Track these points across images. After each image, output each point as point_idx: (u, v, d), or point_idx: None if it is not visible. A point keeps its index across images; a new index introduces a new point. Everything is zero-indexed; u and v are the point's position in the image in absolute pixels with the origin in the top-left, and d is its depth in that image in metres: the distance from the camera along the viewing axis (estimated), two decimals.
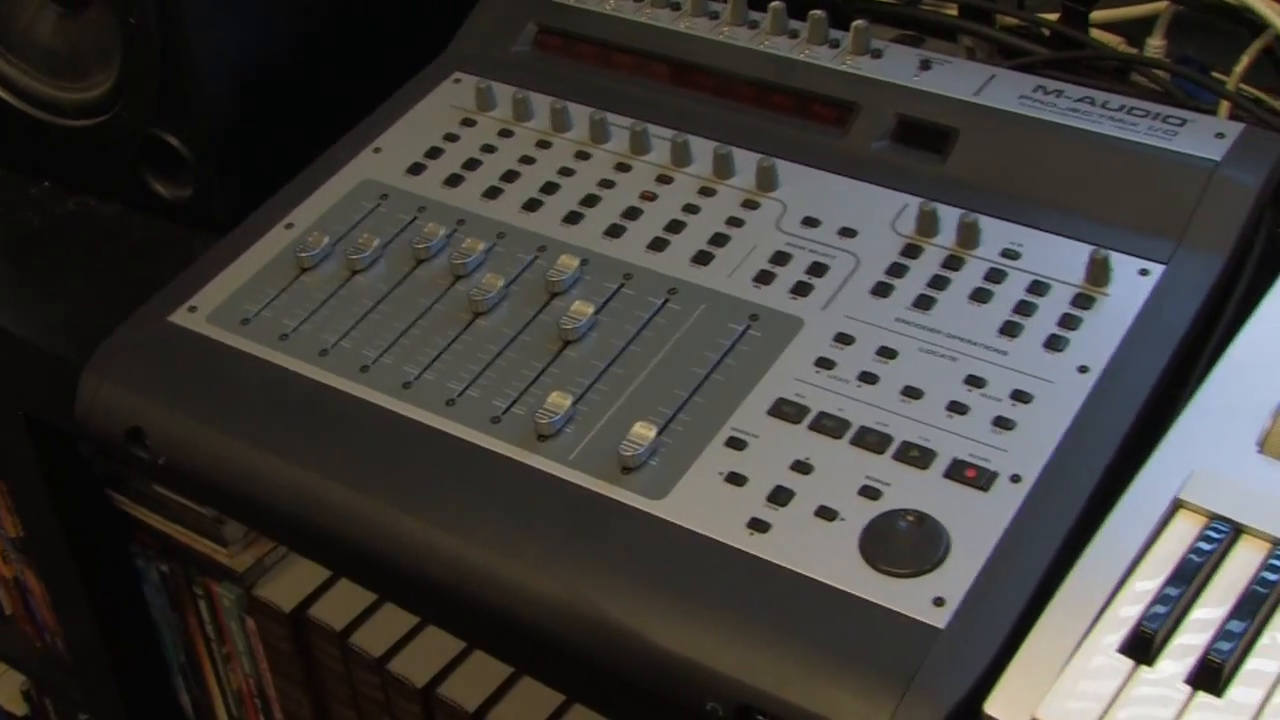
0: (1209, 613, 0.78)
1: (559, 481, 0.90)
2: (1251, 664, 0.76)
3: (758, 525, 0.86)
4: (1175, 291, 0.96)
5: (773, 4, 1.15)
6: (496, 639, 0.95)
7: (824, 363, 0.94)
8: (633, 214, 1.06)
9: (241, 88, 1.18)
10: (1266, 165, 1.01)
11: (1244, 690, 0.75)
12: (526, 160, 1.12)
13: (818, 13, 1.14)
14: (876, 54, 1.13)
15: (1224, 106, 1.15)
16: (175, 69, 1.13)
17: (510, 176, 1.11)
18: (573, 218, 1.07)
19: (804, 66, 1.13)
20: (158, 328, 1.04)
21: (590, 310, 0.98)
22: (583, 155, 1.11)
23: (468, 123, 1.15)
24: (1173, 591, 0.79)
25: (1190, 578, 0.79)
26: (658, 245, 1.04)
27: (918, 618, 0.81)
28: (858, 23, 1.13)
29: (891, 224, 1.02)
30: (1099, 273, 0.96)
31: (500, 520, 0.89)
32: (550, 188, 1.09)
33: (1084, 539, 0.83)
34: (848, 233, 1.02)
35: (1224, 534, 0.82)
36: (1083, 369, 0.92)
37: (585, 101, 1.14)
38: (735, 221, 1.05)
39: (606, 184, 1.09)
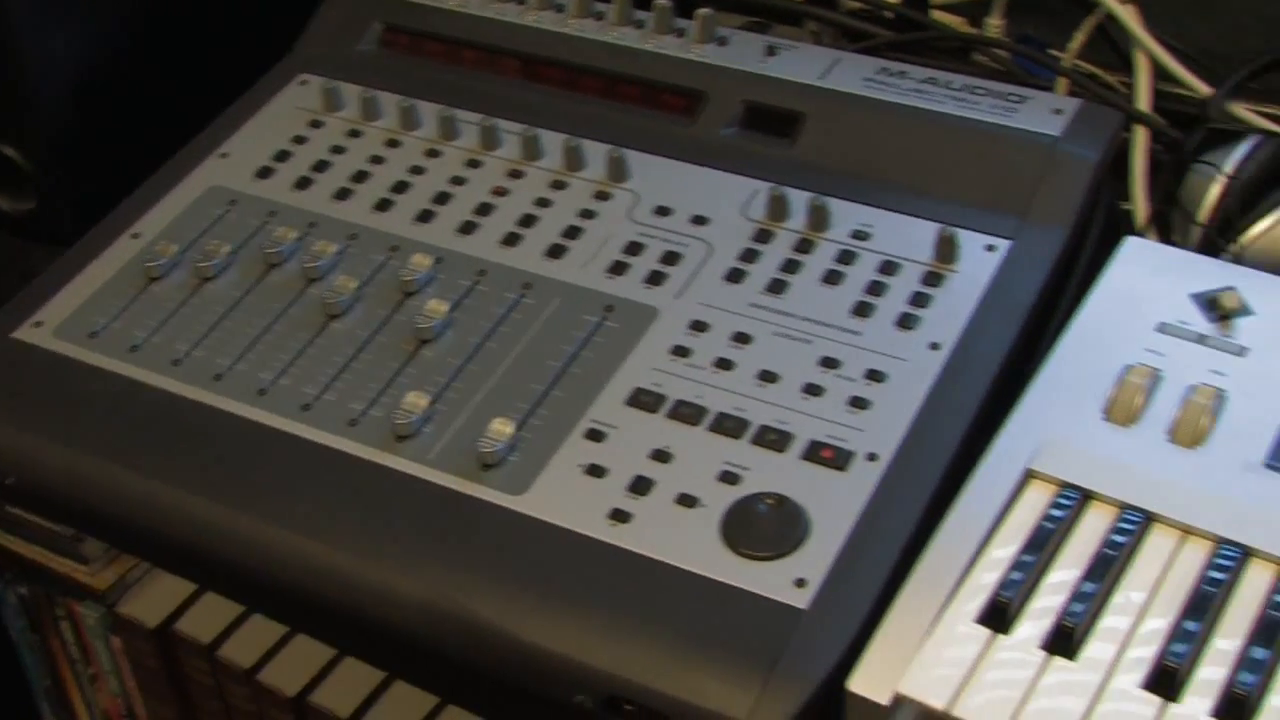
0: (1062, 578, 0.80)
1: (419, 482, 0.90)
2: (1105, 623, 0.78)
3: (619, 516, 0.86)
4: (1021, 266, 0.98)
5: None
6: (365, 644, 0.94)
7: (680, 351, 0.94)
8: (485, 210, 1.06)
9: (78, 96, 1.15)
10: (1104, 139, 1.04)
11: (1097, 648, 0.77)
12: (376, 160, 1.11)
13: (663, 2, 1.14)
14: (723, 41, 1.14)
15: (1062, 83, 1.17)
16: (6, 78, 1.11)
17: (360, 177, 1.09)
18: (425, 216, 1.06)
19: (651, 56, 1.13)
20: (1, 344, 1.02)
21: (445, 309, 0.98)
22: (433, 153, 1.11)
23: (315, 124, 1.14)
24: (1027, 559, 0.80)
25: (1043, 545, 0.81)
26: (511, 240, 1.03)
27: (780, 600, 0.81)
28: (702, 11, 1.14)
29: (743, 210, 1.03)
30: (947, 250, 0.98)
31: (361, 523, 0.89)
32: (401, 187, 1.08)
33: (941, 513, 0.84)
34: (699, 220, 1.03)
35: (1074, 501, 0.83)
36: (934, 346, 0.93)
37: (434, 99, 1.14)
38: (587, 213, 1.05)
39: (458, 181, 1.08)
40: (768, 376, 0.92)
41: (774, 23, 1.28)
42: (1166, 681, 0.75)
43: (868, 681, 0.77)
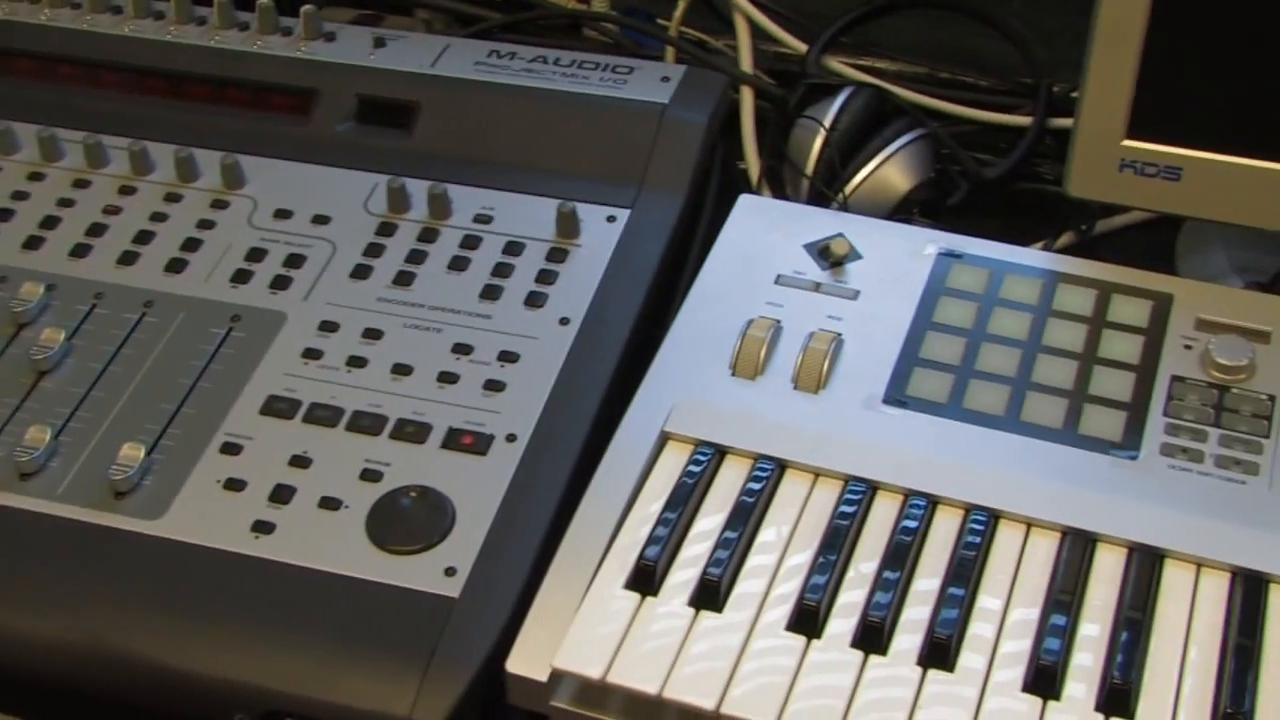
0: (704, 534, 0.82)
1: (49, 519, 0.86)
2: (749, 571, 0.80)
3: (262, 527, 0.84)
4: (641, 234, 0.99)
5: None
6: (7, 693, 0.90)
7: (311, 353, 0.93)
8: (97, 230, 1.02)
9: None
10: (711, 102, 1.06)
11: (744, 598, 0.79)
12: None
13: (265, 1, 1.12)
14: (330, 37, 1.12)
15: (670, 52, 1.20)
16: None
17: None
18: (33, 243, 1.01)
19: (257, 58, 1.11)
20: None
21: (61, 336, 0.94)
22: (36, 176, 1.06)
23: None
24: (669, 520, 0.82)
25: (683, 504, 0.83)
26: (127, 259, 1.00)
27: (432, 591, 0.81)
28: (307, 7, 1.12)
29: (364, 205, 1.02)
30: (568, 225, 0.99)
31: None
32: (4, 215, 1.03)
33: (584, 486, 0.85)
34: (321, 220, 1.01)
35: (709, 457, 0.85)
36: (564, 321, 0.94)
37: (31, 119, 1.09)
38: (206, 224, 1.02)
39: (65, 203, 1.04)
40: (402, 369, 0.92)
41: (385, 14, 1.27)
42: (809, 620, 0.78)
43: (525, 660, 0.78)
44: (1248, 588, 0.79)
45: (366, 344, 0.93)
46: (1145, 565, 0.80)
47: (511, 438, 0.88)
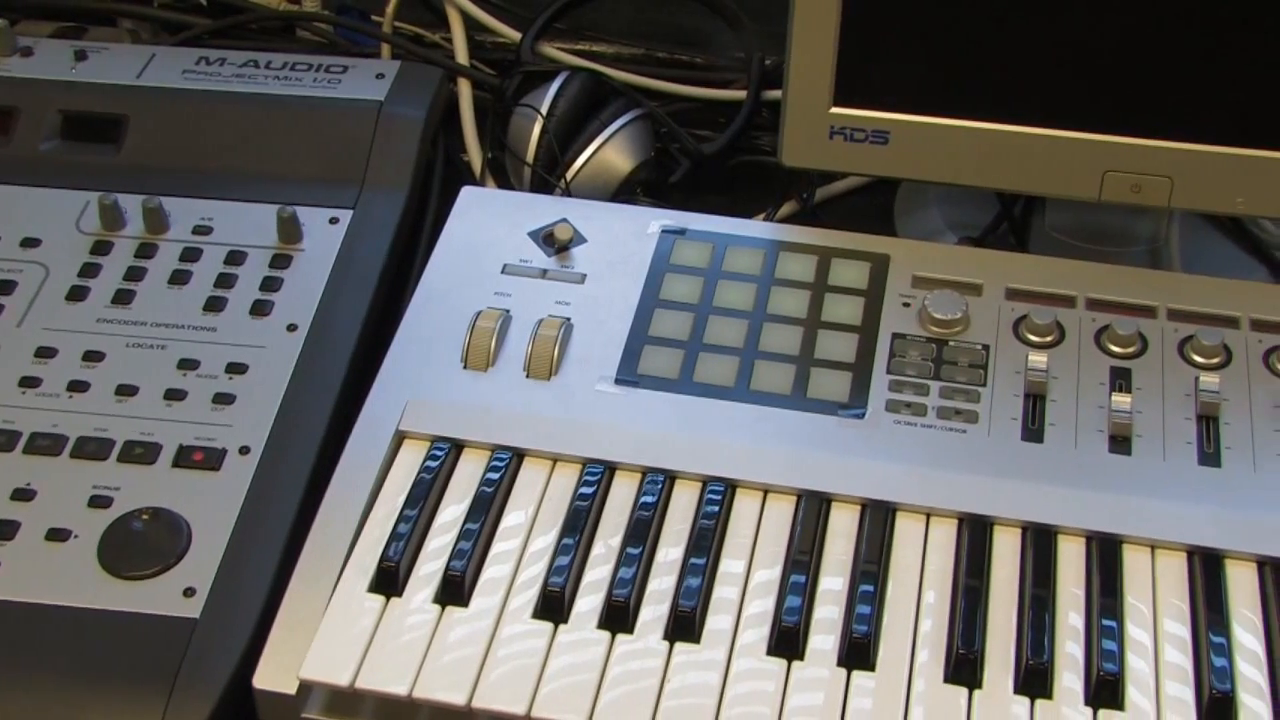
0: (445, 531, 0.82)
1: None
2: (491, 563, 0.80)
3: None
4: (365, 234, 0.98)
5: None
6: None
7: (29, 382, 0.90)
8: None
9: None
10: (427, 96, 1.06)
11: (489, 589, 0.79)
12: None
13: None
14: (27, 52, 1.09)
15: (385, 48, 1.19)
16: None
17: None
18: None
19: None
20: None
21: None
22: None
23: None
24: (409, 519, 0.81)
25: (422, 502, 0.82)
26: None
27: (172, 614, 0.79)
28: None
29: (75, 224, 0.99)
30: (289, 230, 0.97)
31: None
32: None
33: (323, 493, 0.84)
34: (30, 243, 0.98)
35: (445, 452, 0.85)
36: (291, 327, 0.93)
37: None
38: None
39: None
40: (126, 390, 0.89)
41: (88, 25, 1.23)
42: (555, 605, 0.78)
43: (272, 674, 0.76)
44: (973, 531, 0.82)
45: (88, 367, 0.91)
46: (878, 519, 0.82)
47: (245, 450, 0.86)
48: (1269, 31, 0.89)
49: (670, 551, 0.81)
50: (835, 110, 0.96)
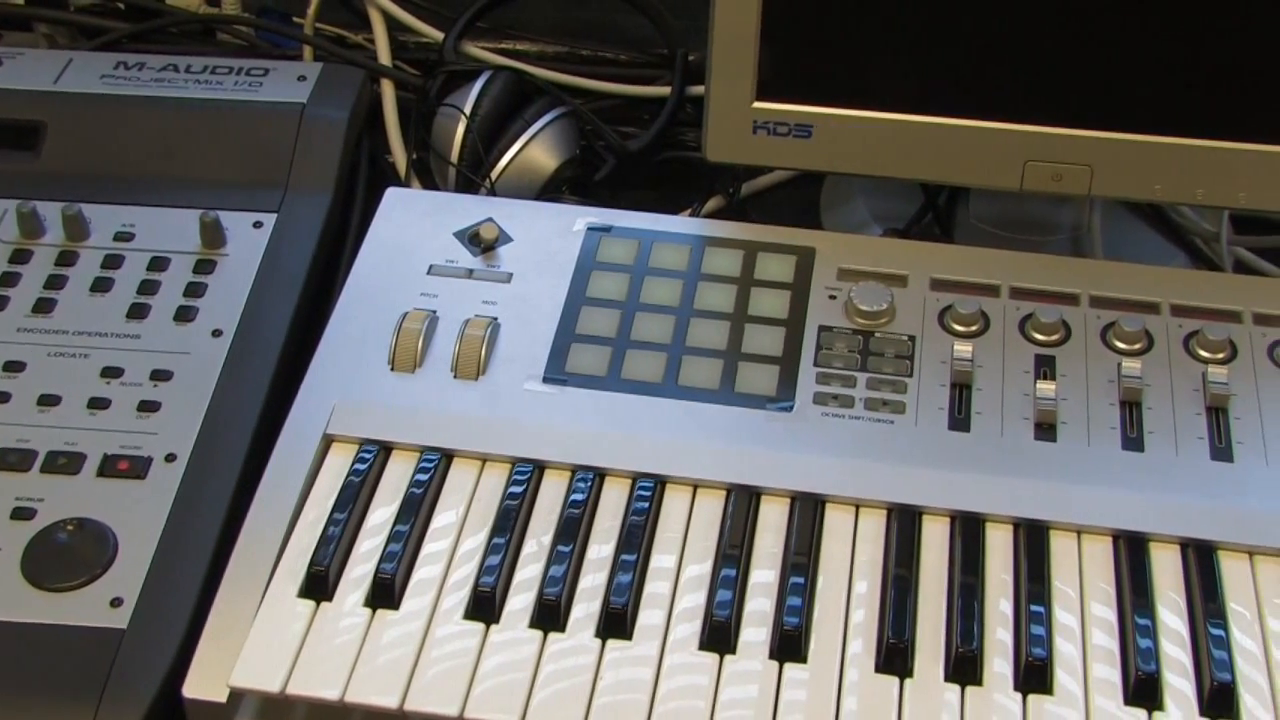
0: (375, 533, 0.81)
1: None
2: (423, 565, 0.80)
3: None
4: (290, 237, 0.98)
5: None
6: None
7: None
8: None
9: None
10: (350, 98, 1.06)
11: (420, 591, 0.79)
12: None
13: None
14: None
15: (308, 50, 1.18)
16: None
17: None
18: None
19: None
20: None
21: None
22: None
23: None
24: (338, 522, 0.81)
25: (350, 506, 0.82)
26: None
27: (99, 625, 0.78)
28: None
29: None
30: (212, 235, 0.96)
31: None
32: None
33: (251, 499, 0.83)
34: None
35: (374, 454, 0.85)
36: (216, 333, 0.92)
37: None
38: None
39: None
40: (49, 400, 0.88)
41: (3, 30, 1.21)
42: (486, 605, 0.78)
43: (202, 683, 0.76)
44: (902, 521, 0.82)
45: (8, 377, 0.90)
46: (807, 511, 0.83)
47: (171, 458, 0.85)
48: (1184, 21, 0.90)
49: (601, 549, 0.81)
50: (758, 105, 0.96)
